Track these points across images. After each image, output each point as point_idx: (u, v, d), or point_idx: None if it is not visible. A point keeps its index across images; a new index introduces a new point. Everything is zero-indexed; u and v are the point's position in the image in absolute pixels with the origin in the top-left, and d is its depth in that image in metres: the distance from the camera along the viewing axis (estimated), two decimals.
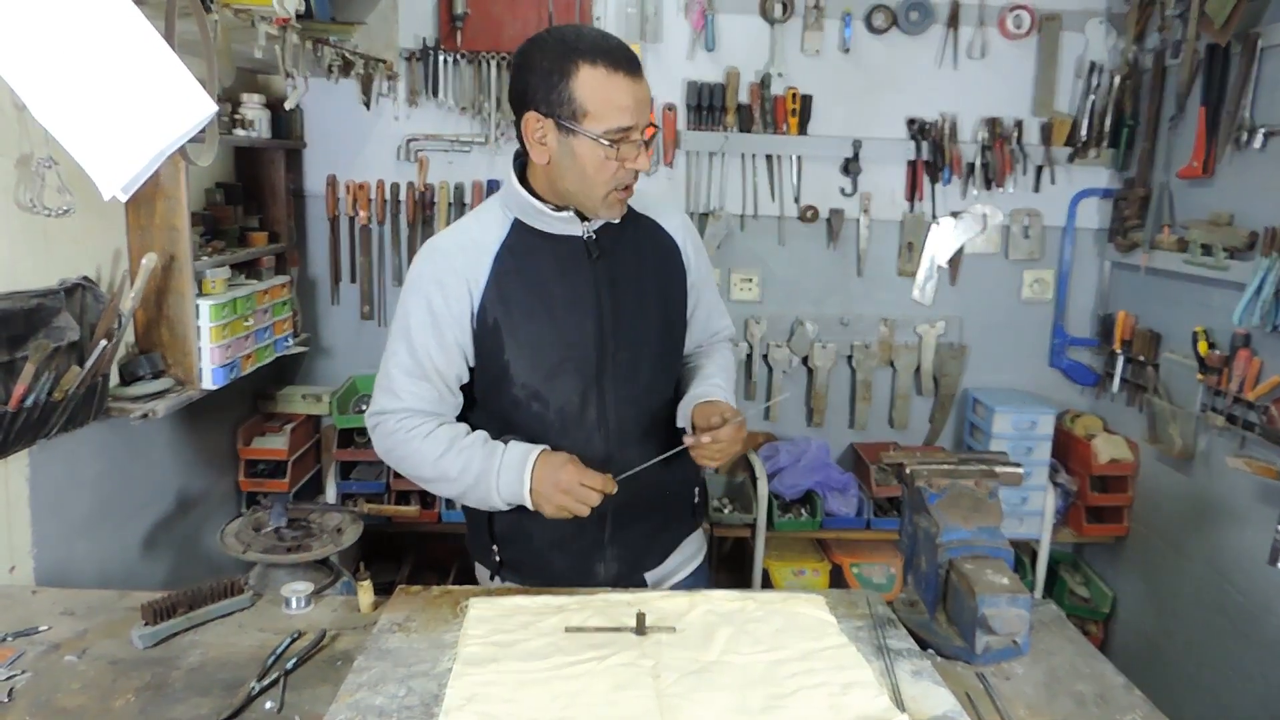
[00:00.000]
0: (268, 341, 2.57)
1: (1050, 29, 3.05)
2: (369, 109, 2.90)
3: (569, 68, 1.38)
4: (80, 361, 1.82)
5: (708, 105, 3.03)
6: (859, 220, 3.17)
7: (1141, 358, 2.94)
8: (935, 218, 3.17)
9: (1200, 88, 2.64)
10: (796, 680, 1.21)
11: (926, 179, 3.13)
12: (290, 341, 2.77)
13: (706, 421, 1.50)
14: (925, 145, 3.09)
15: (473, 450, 1.49)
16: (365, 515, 2.16)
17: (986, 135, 3.10)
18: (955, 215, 3.17)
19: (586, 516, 1.46)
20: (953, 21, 3.04)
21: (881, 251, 3.21)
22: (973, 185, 3.13)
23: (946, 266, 3.21)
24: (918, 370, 3.27)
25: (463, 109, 2.99)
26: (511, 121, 2.96)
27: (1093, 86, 3.06)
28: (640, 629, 1.32)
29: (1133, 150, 3.02)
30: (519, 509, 1.50)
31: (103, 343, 1.85)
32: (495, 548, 1.65)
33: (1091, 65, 3.06)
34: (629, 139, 1.42)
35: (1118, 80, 3.01)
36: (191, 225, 2.14)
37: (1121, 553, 3.12)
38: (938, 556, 1.43)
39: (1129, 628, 3.08)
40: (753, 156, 3.11)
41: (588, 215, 1.52)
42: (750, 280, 3.18)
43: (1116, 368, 3.05)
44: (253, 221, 2.75)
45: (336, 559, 2.12)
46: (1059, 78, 3.09)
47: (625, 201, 1.51)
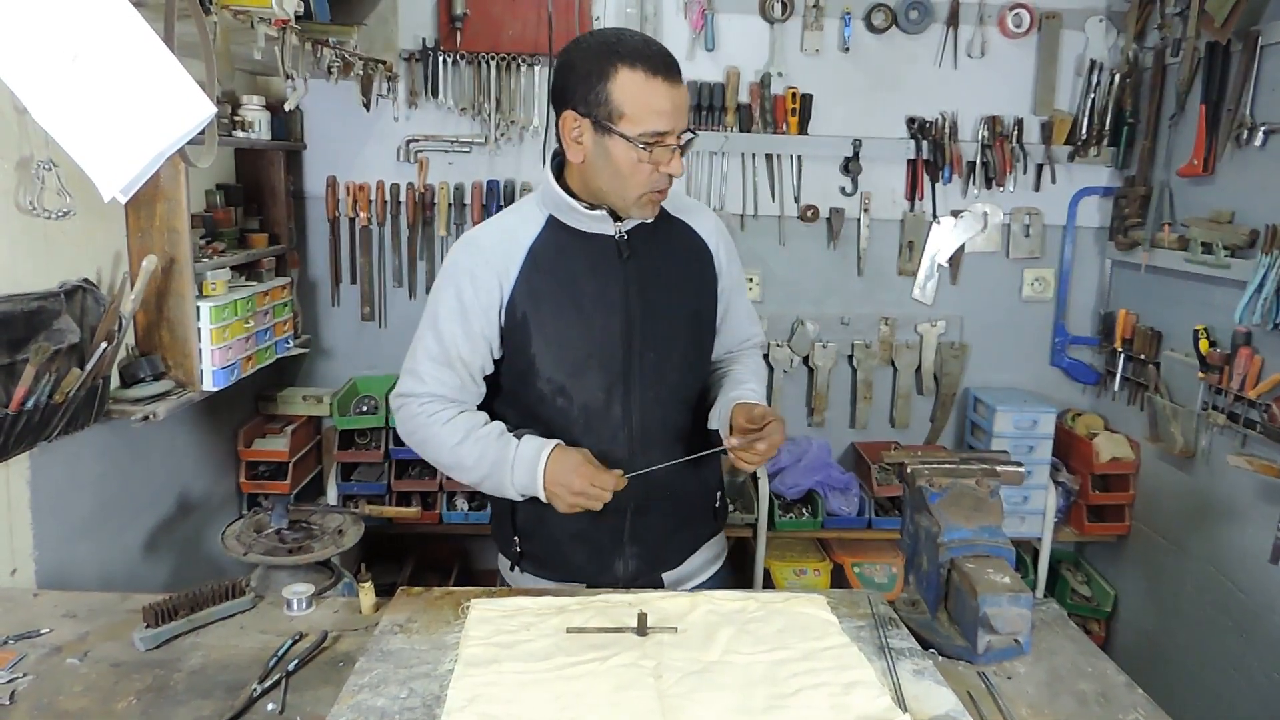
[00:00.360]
0: (268, 343, 2.57)
1: (1050, 27, 3.05)
2: (369, 110, 2.89)
3: (608, 69, 1.41)
4: (81, 364, 1.82)
5: (708, 105, 3.02)
6: (859, 219, 3.17)
7: (1142, 356, 2.93)
8: (935, 217, 3.17)
9: (1200, 85, 2.64)
10: (798, 680, 1.21)
11: (927, 178, 3.13)
12: (291, 343, 2.77)
13: (749, 421, 1.51)
14: (925, 144, 3.09)
15: (488, 441, 1.53)
16: (366, 516, 2.16)
17: (987, 134, 3.09)
18: (955, 214, 3.17)
19: (601, 510, 1.49)
20: (952, 20, 3.03)
21: (882, 251, 3.21)
22: (973, 184, 3.13)
23: (947, 265, 3.21)
24: (918, 369, 3.27)
25: (462, 110, 2.99)
26: (511, 122, 3.00)
27: (1093, 85, 3.06)
28: (642, 629, 1.32)
29: (1133, 148, 3.02)
30: (542, 503, 1.53)
31: (103, 345, 1.85)
32: (517, 539, 1.68)
33: (1092, 63, 3.05)
34: (664, 143, 1.44)
35: (1118, 78, 3.01)
36: (191, 227, 2.15)
37: (1123, 551, 3.12)
38: (939, 556, 1.43)
39: (1131, 626, 3.07)
40: (753, 156, 3.11)
41: (621, 215, 1.54)
42: (751, 280, 3.17)
43: (1117, 366, 3.05)
44: (253, 223, 2.75)
45: (338, 560, 2.11)
46: (1059, 76, 3.10)
47: (658, 203, 1.54)
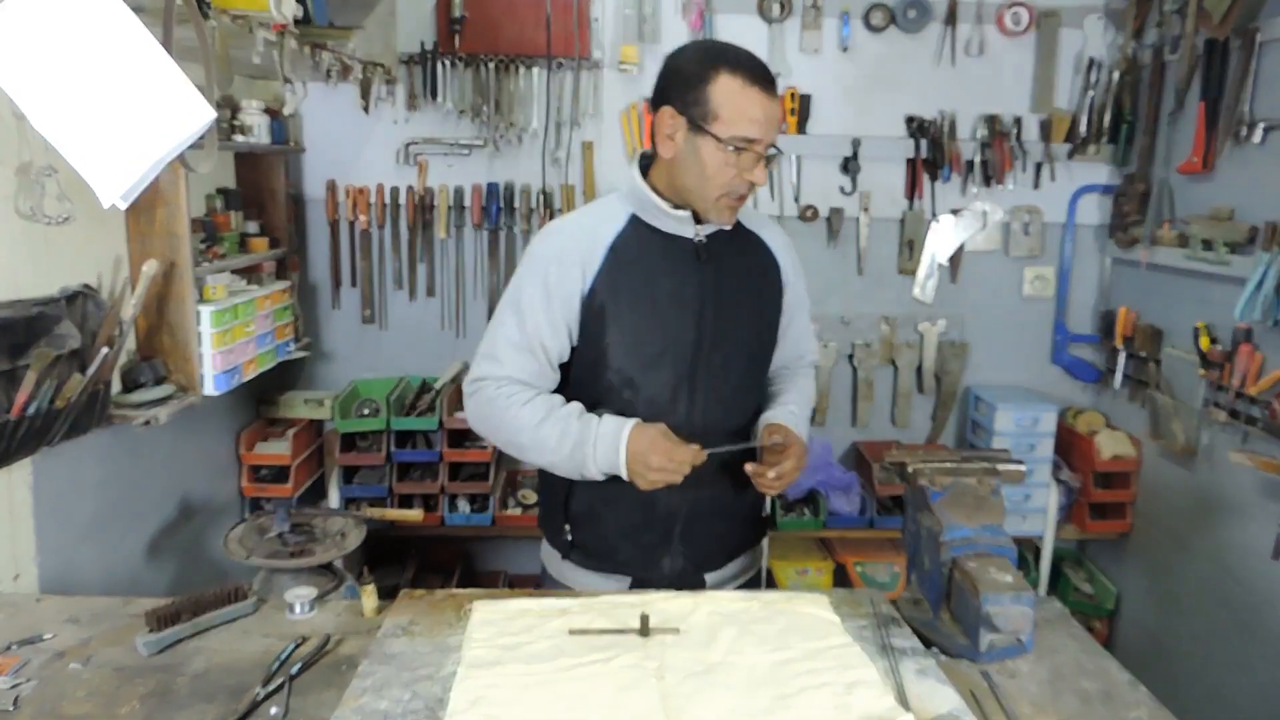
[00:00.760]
0: (269, 347, 2.57)
1: (1048, 25, 3.04)
2: (368, 113, 2.89)
3: (710, 73, 1.48)
4: (82, 369, 1.82)
5: None
6: (859, 219, 3.17)
7: (1143, 353, 2.93)
8: (935, 215, 3.17)
9: (1199, 83, 2.64)
10: (801, 680, 1.21)
11: (926, 177, 3.13)
12: (291, 346, 2.77)
13: (768, 439, 1.60)
14: (924, 143, 3.09)
15: (569, 421, 1.56)
16: (368, 519, 2.16)
17: (985, 132, 3.09)
18: (955, 213, 3.17)
19: (656, 510, 1.61)
20: (950, 19, 3.03)
21: (882, 250, 3.21)
22: (972, 182, 3.13)
23: (947, 264, 3.21)
24: (919, 368, 3.27)
25: (461, 112, 2.99)
26: (510, 124, 3.00)
27: (1091, 82, 3.06)
28: (644, 630, 1.32)
29: (1132, 146, 3.02)
30: (596, 495, 1.58)
31: (104, 350, 1.85)
32: (568, 527, 1.70)
33: (1090, 61, 3.05)
34: (752, 150, 1.49)
35: (1116, 76, 3.01)
36: (192, 231, 2.15)
37: (1125, 549, 3.11)
38: (941, 555, 1.43)
39: (1133, 624, 3.07)
40: None
41: (700, 216, 1.59)
42: None
43: (1118, 364, 3.05)
44: (253, 227, 2.74)
45: (340, 563, 2.11)
46: (1058, 74, 3.10)
47: (735, 210, 1.58)
